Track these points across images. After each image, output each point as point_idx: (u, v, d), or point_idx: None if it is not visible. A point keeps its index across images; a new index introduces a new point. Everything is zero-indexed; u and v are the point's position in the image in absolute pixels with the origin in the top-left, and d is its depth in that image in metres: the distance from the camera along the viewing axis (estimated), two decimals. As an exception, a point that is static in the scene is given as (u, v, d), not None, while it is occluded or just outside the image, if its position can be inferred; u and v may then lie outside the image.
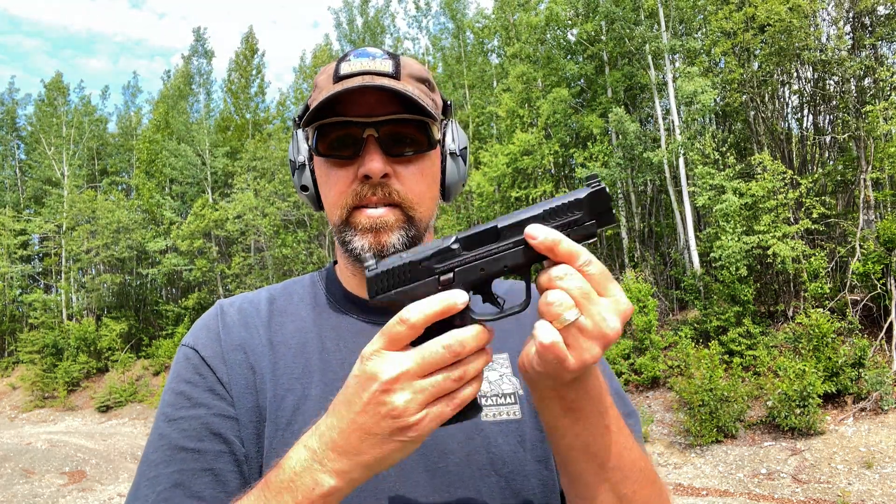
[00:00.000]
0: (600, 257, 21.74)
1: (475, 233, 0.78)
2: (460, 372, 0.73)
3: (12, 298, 37.48)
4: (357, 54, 1.05)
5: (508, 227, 0.77)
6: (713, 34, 18.56)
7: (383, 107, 1.01)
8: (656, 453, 13.63)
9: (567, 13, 21.49)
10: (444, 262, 0.78)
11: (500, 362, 1.08)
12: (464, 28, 29.30)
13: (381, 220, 1.01)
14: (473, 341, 0.74)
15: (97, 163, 40.24)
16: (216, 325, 1.08)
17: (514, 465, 0.99)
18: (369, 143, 1.00)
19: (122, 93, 42.87)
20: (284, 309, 1.11)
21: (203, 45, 37.14)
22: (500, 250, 0.77)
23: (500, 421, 1.02)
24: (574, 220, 0.75)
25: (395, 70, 1.03)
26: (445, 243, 0.78)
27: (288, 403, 0.99)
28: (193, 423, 0.98)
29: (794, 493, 10.91)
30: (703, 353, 14.10)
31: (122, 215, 31.96)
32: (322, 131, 1.03)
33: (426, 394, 0.72)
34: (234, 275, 29.21)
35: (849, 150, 17.43)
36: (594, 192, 0.75)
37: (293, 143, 1.14)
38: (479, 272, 0.77)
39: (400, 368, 0.72)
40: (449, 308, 0.73)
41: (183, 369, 1.04)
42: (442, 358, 0.73)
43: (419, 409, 0.72)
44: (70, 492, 14.15)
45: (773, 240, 15.05)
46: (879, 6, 16.14)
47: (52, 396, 29.34)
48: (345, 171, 1.03)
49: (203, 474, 0.95)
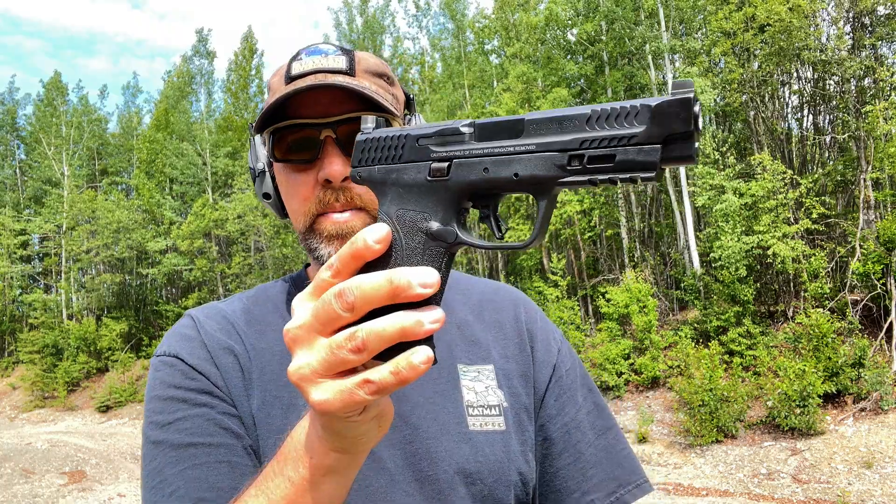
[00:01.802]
0: (600, 257, 21.79)
1: (495, 121, 0.59)
2: (358, 341, 0.53)
3: (12, 298, 37.50)
4: (308, 52, 1.01)
5: (536, 124, 0.56)
6: (713, 34, 18.56)
7: (339, 106, 0.97)
8: (656, 453, 13.64)
9: (567, 13, 21.49)
10: (446, 145, 0.61)
11: (486, 374, 1.05)
12: (464, 28, 29.31)
13: (346, 226, 0.98)
14: (378, 291, 0.53)
15: (97, 163, 40.25)
16: (195, 333, 1.01)
17: (499, 474, 0.98)
18: (327, 144, 0.97)
19: (122, 93, 42.79)
20: (262, 317, 1.06)
21: (205, 46, 37.18)
22: (516, 150, 0.57)
23: (486, 431, 1.00)
24: (626, 136, 0.52)
25: (349, 66, 0.99)
26: (457, 124, 0.61)
27: (277, 412, 0.95)
28: (197, 420, 0.91)
29: (794, 493, 10.92)
30: (703, 353, 14.11)
31: (122, 215, 31.97)
32: (278, 135, 1.00)
33: (322, 361, 0.54)
34: (234, 275, 29.22)
35: (849, 150, 17.43)
36: (671, 103, 0.50)
37: (251, 149, 1.10)
38: (482, 172, 0.58)
39: (299, 319, 0.57)
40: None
41: (168, 376, 0.96)
42: (334, 311, 0.54)
43: (316, 375, 0.55)
44: (70, 492, 14.15)
45: (773, 240, 15.06)
46: (879, 6, 16.14)
47: (52, 396, 29.34)
48: (305, 176, 0.99)
49: (219, 466, 0.88)
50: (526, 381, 1.07)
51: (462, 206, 0.61)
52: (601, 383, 16.40)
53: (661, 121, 0.50)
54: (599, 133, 0.53)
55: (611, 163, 0.52)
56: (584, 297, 21.07)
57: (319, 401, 0.55)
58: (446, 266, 0.61)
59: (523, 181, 0.56)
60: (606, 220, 21.40)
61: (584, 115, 0.54)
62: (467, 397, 1.02)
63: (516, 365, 1.08)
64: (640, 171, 0.51)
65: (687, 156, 0.50)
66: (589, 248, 22.68)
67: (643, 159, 0.51)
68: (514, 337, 1.11)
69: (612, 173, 0.52)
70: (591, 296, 20.79)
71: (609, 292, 17.66)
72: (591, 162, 0.53)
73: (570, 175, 0.54)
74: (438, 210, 0.60)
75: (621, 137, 0.52)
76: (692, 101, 0.49)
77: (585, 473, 1.05)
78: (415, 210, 0.61)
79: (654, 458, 13.42)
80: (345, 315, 0.54)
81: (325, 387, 0.55)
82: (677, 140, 0.51)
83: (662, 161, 0.51)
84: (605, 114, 0.53)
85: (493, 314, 1.13)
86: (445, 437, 0.97)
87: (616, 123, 0.52)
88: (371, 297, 0.53)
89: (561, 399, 1.09)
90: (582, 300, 21.06)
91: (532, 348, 1.11)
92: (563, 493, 1.05)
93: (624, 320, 17.23)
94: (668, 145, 0.51)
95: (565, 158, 0.54)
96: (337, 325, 0.55)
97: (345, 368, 0.55)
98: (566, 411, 1.08)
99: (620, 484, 1.06)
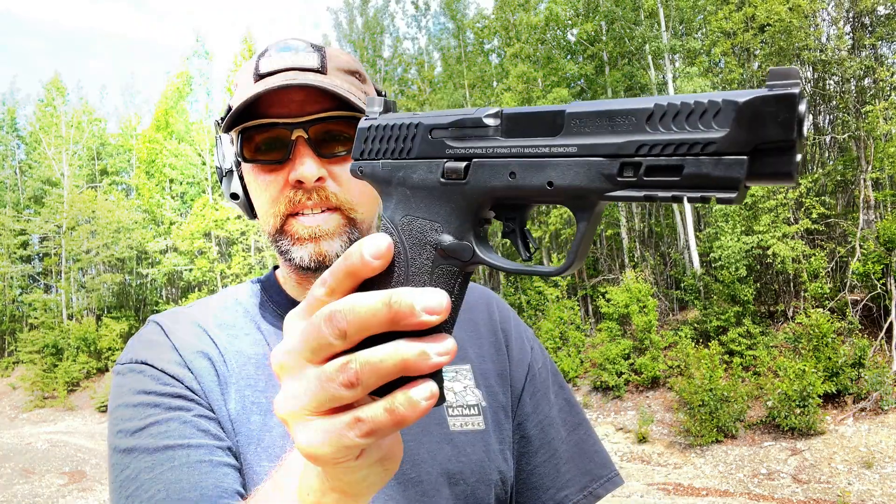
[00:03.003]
0: (599, 257, 21.79)
1: (529, 112, 0.47)
2: (351, 374, 0.44)
3: (12, 298, 37.50)
4: (278, 48, 0.97)
5: (580, 118, 0.44)
6: (713, 34, 18.57)
7: (311, 105, 0.94)
8: (656, 453, 13.64)
9: (567, 13, 21.50)
10: (465, 140, 0.49)
11: (464, 373, 1.04)
12: (464, 28, 29.32)
13: (319, 229, 0.95)
14: (374, 316, 0.44)
15: (97, 163, 40.25)
16: (163, 338, 0.95)
17: (480, 474, 0.97)
18: (299, 145, 0.93)
19: (122, 93, 42.75)
20: (233, 322, 1.01)
21: (203, 46, 37.22)
22: (552, 152, 0.45)
23: (466, 431, 0.99)
24: (701, 141, 0.39)
25: (320, 64, 0.96)
26: (481, 113, 0.49)
27: (256, 418, 0.91)
28: (172, 424, 0.85)
29: (794, 493, 10.91)
30: (703, 353, 14.11)
31: (122, 215, 31.99)
32: (247, 135, 0.96)
33: (311, 396, 0.46)
34: (234, 275, 29.23)
35: (849, 150, 17.43)
36: (767, 100, 0.37)
37: (217, 148, 1.06)
38: (508, 178, 0.46)
39: (287, 344, 0.49)
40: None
41: (136, 383, 0.89)
42: (324, 337, 0.46)
43: (304, 412, 0.47)
44: (70, 492, 14.15)
45: (773, 240, 15.06)
46: (879, 6, 16.14)
47: (52, 396, 29.33)
48: (275, 176, 0.96)
49: (200, 466, 0.82)
50: (503, 380, 1.07)
51: (482, 216, 0.50)
52: (601, 383, 16.41)
53: (751, 123, 0.37)
54: (664, 136, 0.40)
55: (677, 176, 0.40)
56: (584, 297, 21.08)
57: (305, 444, 0.47)
58: (460, 289, 0.50)
59: (560, 192, 0.44)
60: (606, 220, 21.40)
61: (644, 110, 0.41)
62: (446, 398, 1.02)
63: (493, 364, 1.08)
64: (717, 190, 0.38)
65: (784, 173, 0.37)
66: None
67: (722, 174, 0.38)
68: (489, 336, 1.11)
69: (677, 189, 0.40)
70: (591, 296, 20.80)
71: (609, 292, 17.66)
72: (649, 173, 0.41)
73: (621, 188, 0.42)
74: (452, 220, 0.49)
75: (693, 143, 0.39)
76: (797, 99, 0.36)
77: (559, 469, 1.06)
78: (424, 218, 0.50)
79: (654, 458, 13.43)
80: (335, 342, 0.45)
81: (313, 426, 0.46)
82: (772, 151, 0.37)
83: (749, 178, 0.38)
84: (674, 110, 0.40)
85: (467, 313, 1.12)
86: (427, 438, 0.96)
87: (687, 124, 0.40)
88: (366, 322, 0.44)
89: (535, 397, 1.09)
90: (582, 300, 21.07)
91: (507, 347, 1.11)
92: (539, 490, 1.05)
93: (624, 320, 17.24)
94: (759, 157, 0.37)
95: (615, 166, 0.42)
96: (329, 353, 0.46)
97: (337, 405, 0.46)
98: (541, 409, 1.09)
99: (592, 478, 1.07)
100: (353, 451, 0.46)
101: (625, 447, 14.18)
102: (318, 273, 0.97)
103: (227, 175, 1.04)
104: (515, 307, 20.77)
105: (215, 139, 1.07)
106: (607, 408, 16.05)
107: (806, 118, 0.37)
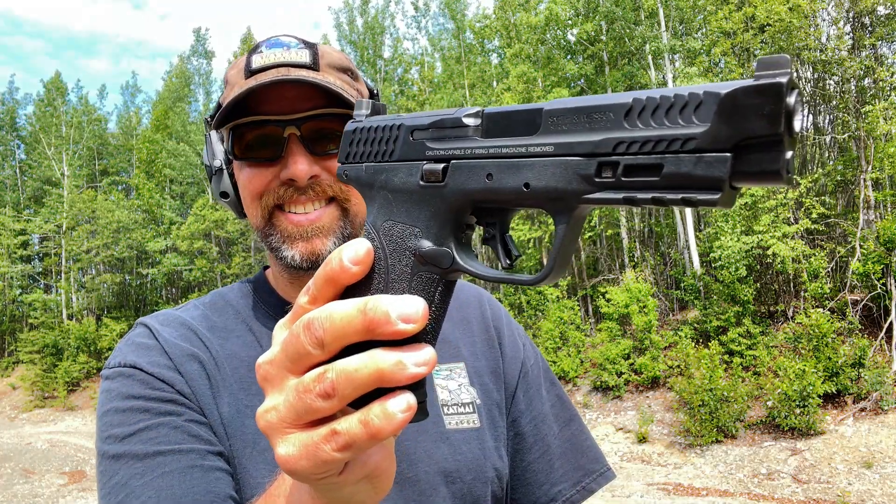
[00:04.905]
0: (600, 257, 21.79)
1: (509, 111, 0.45)
2: (327, 384, 0.43)
3: (12, 298, 37.48)
4: (270, 44, 0.95)
5: (557, 116, 0.41)
6: (713, 34, 18.57)
7: (303, 102, 0.92)
8: (656, 453, 13.64)
9: (567, 13, 21.50)
10: (444, 141, 0.47)
11: (458, 372, 1.04)
12: (464, 28, 29.33)
13: (313, 227, 0.93)
14: (350, 324, 0.43)
15: (97, 163, 40.24)
16: (152, 341, 0.94)
17: (476, 472, 0.97)
18: (291, 142, 0.92)
19: (122, 93, 42.75)
20: (224, 324, 1.00)
21: (203, 46, 37.17)
22: (527, 151, 0.42)
23: (462, 429, 0.99)
24: (680, 137, 0.36)
25: (312, 60, 0.94)
26: (460, 113, 0.47)
27: (250, 421, 0.90)
28: (162, 429, 0.83)
29: (794, 493, 10.91)
30: (703, 353, 14.10)
31: (122, 215, 31.99)
32: (238, 132, 0.94)
33: (289, 407, 0.45)
34: (234, 275, 29.22)
35: (849, 150, 17.43)
36: (748, 91, 0.34)
37: (207, 146, 1.04)
38: (485, 180, 0.44)
39: (270, 353, 0.48)
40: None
41: (125, 388, 0.88)
42: (302, 346, 0.45)
43: (283, 424, 0.45)
44: (70, 492, 14.15)
45: (773, 240, 15.06)
46: (879, 6, 16.14)
47: (52, 396, 29.32)
48: (266, 172, 0.95)
49: (191, 471, 0.80)
50: (496, 377, 1.07)
51: (463, 221, 0.48)
52: (601, 383, 16.40)
53: (734, 117, 0.34)
54: (641, 132, 0.37)
55: (656, 175, 0.37)
56: (584, 297, 21.07)
57: (284, 457, 0.45)
58: (441, 297, 0.47)
59: (536, 194, 0.42)
60: (606, 220, 21.40)
61: (622, 105, 0.38)
62: (441, 396, 1.01)
63: (486, 362, 1.08)
64: (698, 191, 0.35)
65: (771, 171, 0.34)
66: (589, 247, 22.67)
67: (703, 173, 0.35)
68: (482, 334, 1.11)
69: (657, 191, 0.37)
70: (591, 296, 20.79)
71: (609, 292, 17.65)
72: (627, 173, 0.38)
73: (599, 190, 0.39)
74: (432, 225, 0.47)
75: (672, 140, 0.36)
76: (784, 89, 0.33)
77: (553, 465, 1.06)
78: (404, 223, 0.48)
79: (654, 458, 13.43)
80: (314, 352, 0.44)
81: (291, 439, 0.45)
82: (757, 147, 0.34)
83: (735, 177, 0.34)
84: (653, 104, 0.37)
85: (459, 311, 1.12)
86: (423, 437, 0.96)
87: (667, 119, 0.36)
88: (341, 330, 0.43)
89: (528, 393, 1.09)
90: (582, 300, 21.07)
91: (500, 344, 1.11)
92: (533, 486, 1.05)
93: (624, 320, 17.23)
94: (744, 154, 0.34)
95: (593, 166, 0.39)
96: (308, 363, 0.44)
97: (315, 417, 0.44)
98: (534, 405, 1.09)
99: (585, 473, 1.08)
100: (331, 465, 0.44)
101: (625, 447, 14.18)
102: (312, 273, 0.96)
103: (216, 173, 1.02)
104: (515, 307, 20.77)
105: (204, 137, 1.06)
106: (607, 408, 16.04)
107: (797, 111, 0.34)
